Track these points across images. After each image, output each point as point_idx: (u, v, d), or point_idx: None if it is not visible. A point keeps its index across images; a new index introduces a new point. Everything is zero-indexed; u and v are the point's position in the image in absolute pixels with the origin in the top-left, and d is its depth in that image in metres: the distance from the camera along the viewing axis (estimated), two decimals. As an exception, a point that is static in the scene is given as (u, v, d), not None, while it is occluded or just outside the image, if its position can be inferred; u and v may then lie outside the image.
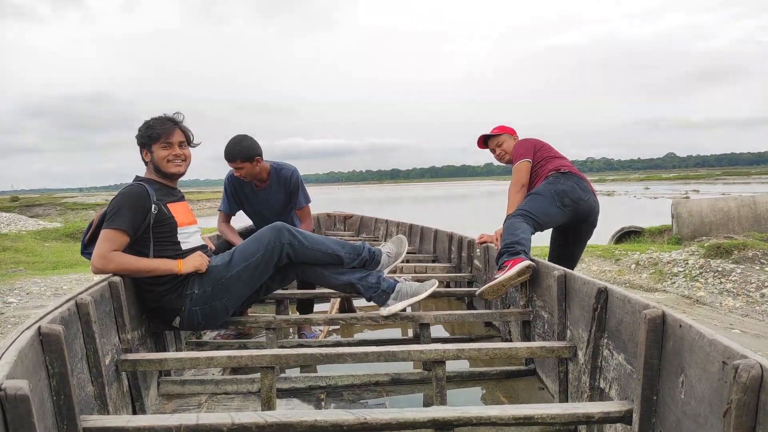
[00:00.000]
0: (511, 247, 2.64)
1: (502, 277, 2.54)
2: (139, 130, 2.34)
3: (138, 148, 2.36)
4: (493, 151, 3.40)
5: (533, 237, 2.88)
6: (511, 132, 3.40)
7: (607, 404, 1.58)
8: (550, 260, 3.16)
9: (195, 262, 2.25)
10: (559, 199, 2.91)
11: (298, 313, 3.14)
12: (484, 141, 3.42)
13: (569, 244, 3.21)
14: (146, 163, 2.37)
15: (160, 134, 2.29)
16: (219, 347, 2.87)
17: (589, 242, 3.41)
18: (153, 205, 2.20)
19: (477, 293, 2.71)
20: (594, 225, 3.16)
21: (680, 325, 1.35)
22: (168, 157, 2.31)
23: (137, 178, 2.37)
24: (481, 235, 3.42)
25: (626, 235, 8.85)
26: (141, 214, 2.17)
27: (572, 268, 3.03)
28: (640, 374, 1.44)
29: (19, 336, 1.28)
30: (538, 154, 3.15)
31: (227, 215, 3.41)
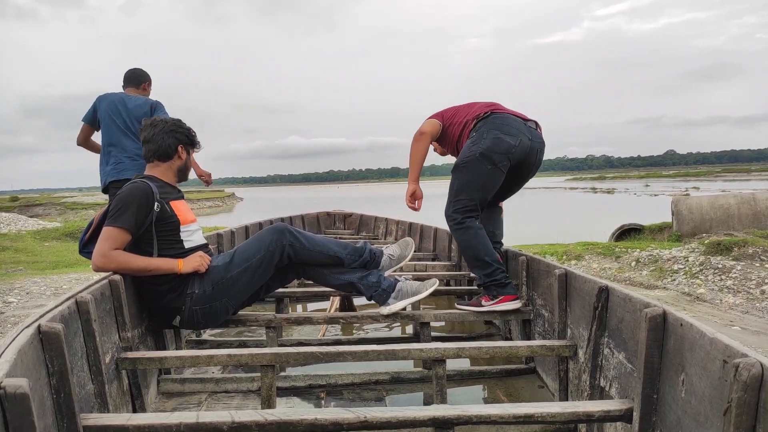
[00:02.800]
0: (495, 278, 2.59)
1: (490, 308, 2.61)
2: (181, 128, 2.37)
3: (170, 139, 2.33)
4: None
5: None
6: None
7: (608, 403, 1.58)
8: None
9: (195, 263, 2.24)
10: (487, 161, 2.50)
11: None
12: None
13: (504, 185, 2.68)
14: (170, 159, 2.34)
15: (196, 144, 2.47)
16: (219, 345, 2.87)
17: (589, 239, 3.29)
18: (156, 203, 2.19)
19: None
20: (535, 166, 2.66)
21: (681, 324, 1.35)
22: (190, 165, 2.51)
23: (138, 175, 2.36)
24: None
25: (626, 233, 8.84)
26: (144, 212, 2.15)
27: (503, 200, 2.86)
28: (641, 373, 1.44)
29: (18, 334, 1.27)
30: (447, 115, 2.76)
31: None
